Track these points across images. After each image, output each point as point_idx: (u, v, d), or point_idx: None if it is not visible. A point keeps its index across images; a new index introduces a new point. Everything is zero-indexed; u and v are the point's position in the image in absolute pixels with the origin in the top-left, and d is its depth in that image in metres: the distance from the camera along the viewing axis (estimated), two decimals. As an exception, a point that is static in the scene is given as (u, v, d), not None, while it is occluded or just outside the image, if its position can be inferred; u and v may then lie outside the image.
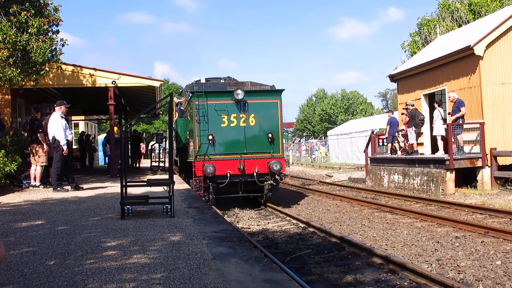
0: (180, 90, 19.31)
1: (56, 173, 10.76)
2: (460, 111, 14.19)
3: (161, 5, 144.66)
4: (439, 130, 14.78)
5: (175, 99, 17.04)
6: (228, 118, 12.62)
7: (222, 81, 14.74)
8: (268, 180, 12.64)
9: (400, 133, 17.21)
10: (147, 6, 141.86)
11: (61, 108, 10.96)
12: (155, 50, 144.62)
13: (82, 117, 30.39)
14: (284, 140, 14.75)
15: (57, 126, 10.73)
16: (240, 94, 12.43)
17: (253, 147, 12.68)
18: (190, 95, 13.08)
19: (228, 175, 12.34)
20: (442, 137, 14.73)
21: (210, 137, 12.39)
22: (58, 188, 10.64)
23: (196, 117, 12.53)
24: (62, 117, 10.91)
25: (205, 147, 12.49)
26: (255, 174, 12.45)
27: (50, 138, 10.84)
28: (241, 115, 12.69)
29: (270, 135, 12.71)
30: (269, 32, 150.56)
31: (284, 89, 13.35)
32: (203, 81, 14.54)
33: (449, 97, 15.04)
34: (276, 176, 12.80)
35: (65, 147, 10.67)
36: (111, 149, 16.90)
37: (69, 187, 11.00)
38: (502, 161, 14.14)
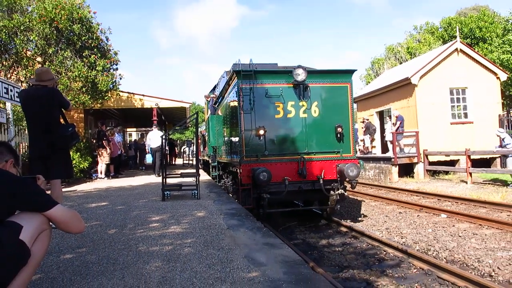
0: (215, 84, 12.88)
1: (158, 166, 12.27)
2: (396, 124, 14.24)
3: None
4: (389, 137, 14.82)
5: (207, 95, 13.01)
6: (285, 107, 7.10)
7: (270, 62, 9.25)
8: (336, 188, 7.23)
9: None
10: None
11: (157, 126, 13.20)
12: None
13: (134, 129, 30.64)
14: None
15: (158, 138, 12.15)
16: (301, 75, 7.00)
17: (317, 145, 7.19)
18: (234, 77, 7.34)
19: (286, 182, 6.76)
20: (391, 142, 14.73)
21: (262, 132, 6.82)
22: (158, 174, 12.25)
23: (241, 105, 6.94)
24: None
25: (255, 145, 6.94)
26: (321, 180, 6.96)
27: (156, 146, 12.31)
28: (301, 103, 7.15)
29: (339, 130, 7.17)
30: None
31: (356, 70, 7.52)
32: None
33: (393, 113, 15.05)
34: (345, 183, 7.40)
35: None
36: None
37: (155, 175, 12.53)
38: (431, 158, 14.11)
